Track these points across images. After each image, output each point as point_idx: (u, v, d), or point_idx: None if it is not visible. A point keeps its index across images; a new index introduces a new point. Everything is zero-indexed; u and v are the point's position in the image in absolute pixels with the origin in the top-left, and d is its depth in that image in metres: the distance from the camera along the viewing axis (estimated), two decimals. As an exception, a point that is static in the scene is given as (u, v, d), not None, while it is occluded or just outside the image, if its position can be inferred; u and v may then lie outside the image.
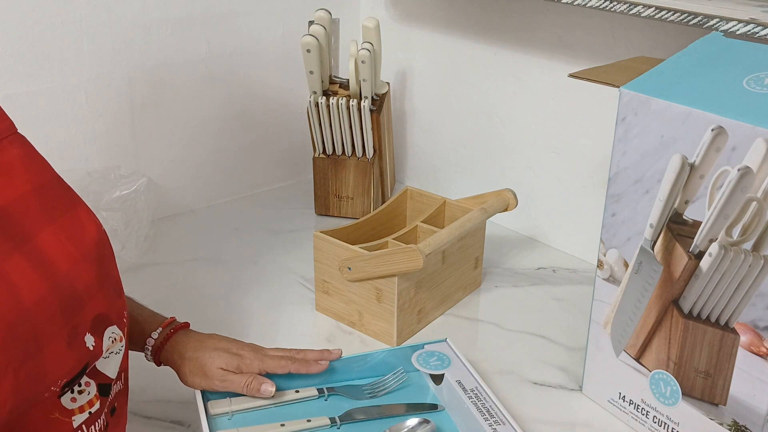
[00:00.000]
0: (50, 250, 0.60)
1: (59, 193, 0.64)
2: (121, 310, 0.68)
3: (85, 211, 0.65)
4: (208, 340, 0.84)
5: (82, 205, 0.66)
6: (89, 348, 0.62)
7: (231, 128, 1.38)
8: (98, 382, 0.65)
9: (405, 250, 0.93)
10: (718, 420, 0.76)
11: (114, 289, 0.67)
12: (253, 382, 0.82)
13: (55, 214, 0.62)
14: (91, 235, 0.64)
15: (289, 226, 1.33)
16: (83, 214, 0.65)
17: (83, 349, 0.61)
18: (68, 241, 0.62)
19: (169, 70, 1.26)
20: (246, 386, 0.82)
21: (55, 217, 0.62)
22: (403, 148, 1.50)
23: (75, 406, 0.63)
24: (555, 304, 1.11)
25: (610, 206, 0.81)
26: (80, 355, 0.61)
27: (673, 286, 0.76)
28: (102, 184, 1.14)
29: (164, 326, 0.84)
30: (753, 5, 0.87)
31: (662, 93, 0.72)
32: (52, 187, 0.64)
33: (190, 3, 1.25)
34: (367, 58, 1.21)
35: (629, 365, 0.84)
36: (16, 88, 1.11)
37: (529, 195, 1.27)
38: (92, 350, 0.62)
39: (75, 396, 0.63)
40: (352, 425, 0.84)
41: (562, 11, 1.14)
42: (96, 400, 0.64)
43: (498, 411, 0.82)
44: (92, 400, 0.64)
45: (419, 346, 0.93)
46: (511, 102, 1.27)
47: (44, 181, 0.63)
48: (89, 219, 0.65)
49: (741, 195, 0.68)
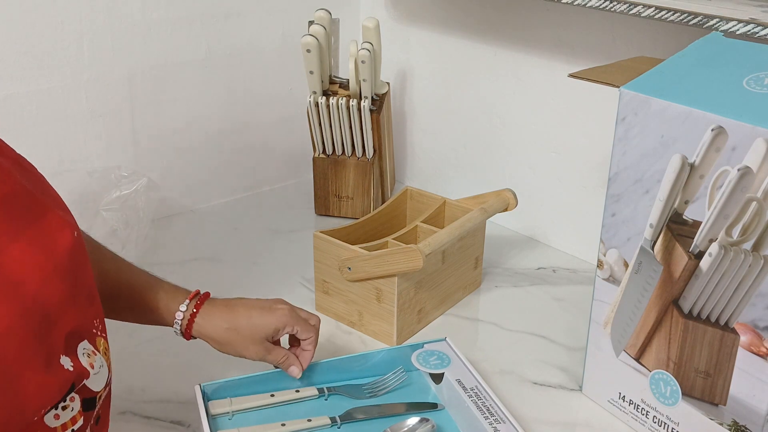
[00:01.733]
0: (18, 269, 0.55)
1: (25, 203, 0.59)
2: (93, 318, 0.64)
3: (56, 217, 0.60)
4: (239, 307, 0.83)
5: (53, 212, 0.61)
6: (69, 369, 0.58)
7: (231, 128, 1.38)
8: (83, 397, 0.61)
9: (405, 250, 0.93)
10: (718, 420, 0.76)
11: (87, 296, 0.63)
12: (289, 358, 0.84)
13: (22, 227, 0.57)
14: (65, 243, 0.60)
15: (289, 226, 1.33)
16: (54, 221, 0.60)
17: (63, 373, 0.58)
18: (38, 254, 0.57)
19: (169, 70, 1.26)
20: (284, 359, 0.84)
21: (22, 229, 0.57)
22: (403, 148, 1.50)
23: (58, 424, 0.59)
24: (555, 304, 1.11)
25: (610, 206, 0.81)
26: (61, 380, 0.58)
27: (673, 286, 0.76)
28: (102, 184, 1.14)
29: (190, 299, 0.82)
30: (753, 5, 0.87)
31: (662, 93, 0.73)
32: (17, 196, 0.58)
33: (190, 3, 1.25)
34: (367, 58, 1.21)
35: (629, 365, 0.84)
36: (16, 88, 1.11)
37: (529, 195, 1.27)
38: (73, 371, 0.59)
39: (58, 412, 0.59)
40: (352, 425, 0.84)
41: (562, 11, 1.14)
42: (80, 416, 0.61)
43: (498, 410, 0.82)
44: (75, 417, 0.60)
45: (419, 345, 0.93)
46: (511, 102, 1.27)
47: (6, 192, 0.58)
48: (62, 224, 0.60)
49: (741, 195, 0.68)
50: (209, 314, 0.82)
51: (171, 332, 0.90)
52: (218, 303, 0.84)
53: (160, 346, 0.98)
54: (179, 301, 0.81)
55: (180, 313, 0.81)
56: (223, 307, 0.83)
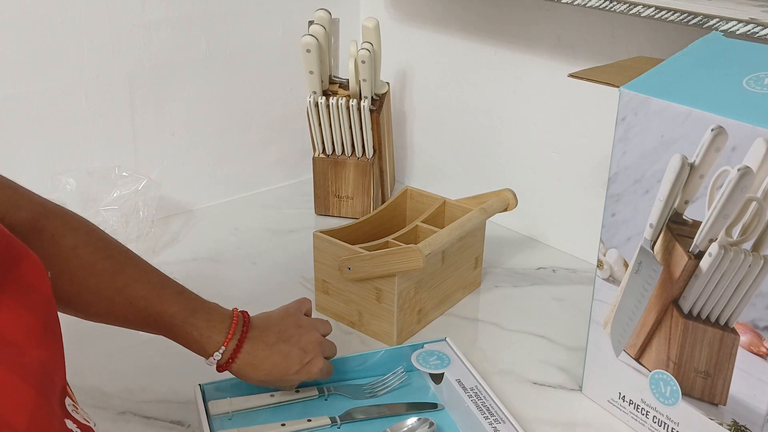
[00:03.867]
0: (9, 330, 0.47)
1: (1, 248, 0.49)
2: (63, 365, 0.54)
3: (31, 262, 0.51)
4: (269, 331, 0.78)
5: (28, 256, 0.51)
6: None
7: (231, 128, 1.38)
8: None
9: (405, 250, 0.93)
10: (718, 420, 0.76)
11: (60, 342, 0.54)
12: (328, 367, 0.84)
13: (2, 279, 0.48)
14: (44, 290, 0.51)
15: (289, 226, 1.33)
16: (29, 268, 0.51)
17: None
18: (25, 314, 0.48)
19: (169, 70, 1.26)
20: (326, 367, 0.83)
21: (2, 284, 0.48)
22: (403, 148, 1.50)
23: None
24: (555, 304, 1.11)
25: (610, 206, 0.81)
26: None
27: (673, 286, 0.76)
28: (102, 184, 1.14)
29: (228, 340, 0.75)
30: (753, 5, 0.87)
31: (662, 93, 0.72)
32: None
33: (190, 3, 1.25)
34: (367, 58, 1.21)
35: (629, 365, 0.84)
36: (16, 88, 1.11)
37: (529, 195, 1.27)
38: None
39: None
40: (352, 425, 0.84)
41: (562, 11, 1.14)
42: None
43: (498, 410, 0.82)
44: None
45: (419, 345, 0.93)
46: (511, 102, 1.27)
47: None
48: (36, 269, 0.51)
49: (741, 195, 0.68)
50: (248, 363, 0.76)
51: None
52: (258, 342, 0.77)
53: (160, 346, 0.98)
54: (216, 341, 0.75)
55: (218, 354, 0.75)
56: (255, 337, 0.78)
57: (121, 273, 0.73)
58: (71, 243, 0.69)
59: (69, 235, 0.69)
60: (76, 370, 0.93)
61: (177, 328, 0.75)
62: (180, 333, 0.75)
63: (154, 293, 0.74)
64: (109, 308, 0.73)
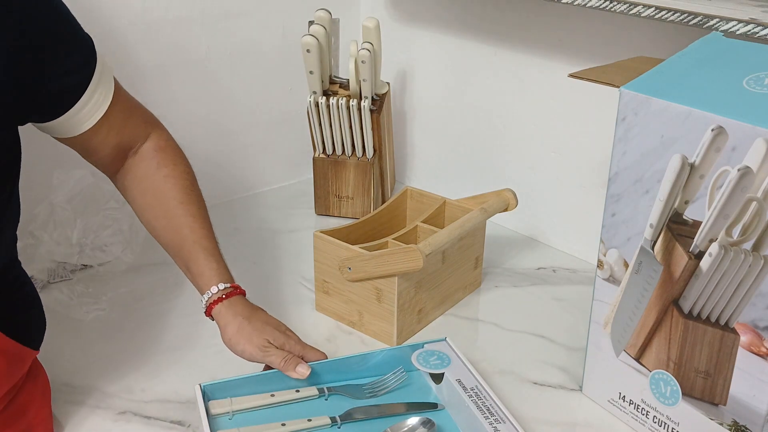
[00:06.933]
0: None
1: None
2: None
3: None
4: (261, 312, 0.89)
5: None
6: None
7: (231, 128, 1.38)
8: None
9: (405, 250, 0.93)
10: (718, 420, 0.76)
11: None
12: (291, 360, 0.85)
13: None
14: None
15: (289, 226, 1.33)
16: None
17: None
18: None
19: (169, 70, 1.26)
20: (284, 361, 0.85)
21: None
22: (403, 148, 1.50)
23: None
24: (555, 304, 1.11)
25: (610, 206, 0.81)
26: None
27: (673, 286, 0.76)
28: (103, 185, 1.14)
29: (226, 286, 0.88)
30: (753, 5, 0.87)
31: (662, 93, 0.73)
32: None
33: (190, 3, 1.25)
34: (367, 58, 1.21)
35: (629, 365, 0.84)
36: (16, 88, 1.11)
37: (529, 195, 1.27)
38: None
39: None
40: (352, 425, 0.84)
41: (562, 11, 1.14)
42: None
43: (498, 410, 0.82)
44: None
45: (419, 345, 0.93)
46: (511, 102, 1.27)
47: None
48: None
49: (741, 195, 0.68)
50: (232, 304, 0.87)
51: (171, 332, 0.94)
52: (245, 300, 0.89)
53: (160, 346, 0.98)
54: (216, 282, 0.87)
55: (209, 293, 0.87)
56: (247, 304, 0.89)
57: (186, 204, 0.90)
58: (166, 172, 0.92)
59: (170, 165, 0.93)
60: (76, 370, 0.93)
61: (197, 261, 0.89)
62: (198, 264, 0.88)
63: (198, 234, 0.89)
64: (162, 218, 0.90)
